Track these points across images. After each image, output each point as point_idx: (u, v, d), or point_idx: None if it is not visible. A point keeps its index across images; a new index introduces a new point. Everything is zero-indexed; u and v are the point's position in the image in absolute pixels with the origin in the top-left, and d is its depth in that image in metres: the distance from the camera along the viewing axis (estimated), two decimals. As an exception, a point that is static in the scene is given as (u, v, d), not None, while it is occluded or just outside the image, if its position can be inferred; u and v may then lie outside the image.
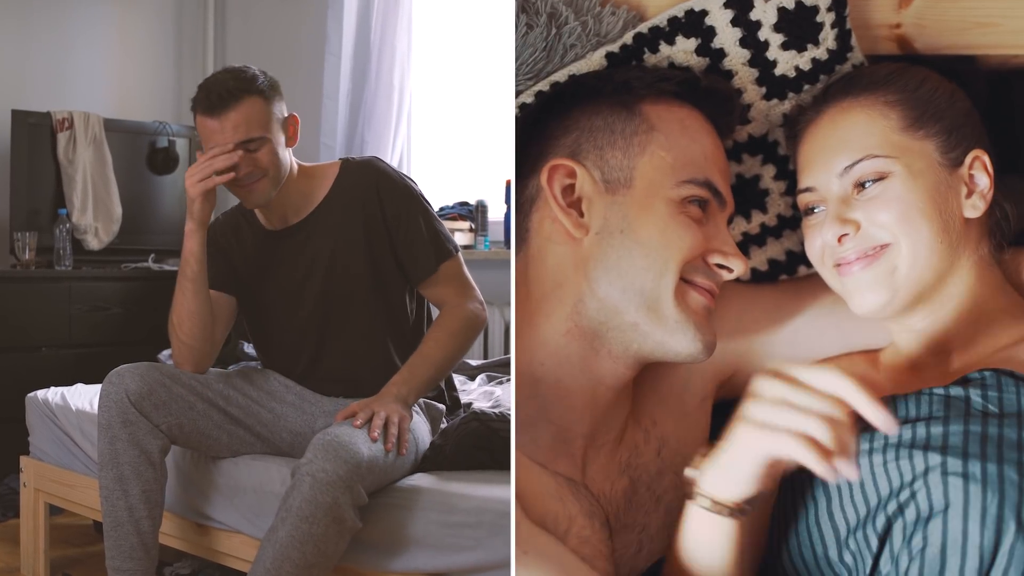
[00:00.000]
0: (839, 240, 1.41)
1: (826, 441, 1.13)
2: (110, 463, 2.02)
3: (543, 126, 1.48)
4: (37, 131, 3.90)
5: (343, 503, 1.79)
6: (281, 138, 2.11)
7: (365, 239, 2.13)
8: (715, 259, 1.41)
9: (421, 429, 2.11)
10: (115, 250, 4.07)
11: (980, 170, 1.41)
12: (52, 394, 2.75)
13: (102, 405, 2.04)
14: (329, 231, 2.14)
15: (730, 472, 1.22)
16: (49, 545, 2.76)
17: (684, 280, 1.39)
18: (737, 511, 1.24)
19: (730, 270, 1.42)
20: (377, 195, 2.14)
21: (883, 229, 1.38)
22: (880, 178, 1.39)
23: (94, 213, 4.00)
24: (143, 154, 4.20)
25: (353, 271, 2.14)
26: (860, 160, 1.40)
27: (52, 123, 3.93)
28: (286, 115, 2.14)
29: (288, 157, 2.14)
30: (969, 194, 1.41)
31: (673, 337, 1.39)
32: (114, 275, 3.95)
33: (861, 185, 1.40)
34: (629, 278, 1.38)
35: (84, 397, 2.68)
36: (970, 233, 1.42)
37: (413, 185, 2.20)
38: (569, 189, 1.42)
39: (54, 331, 3.74)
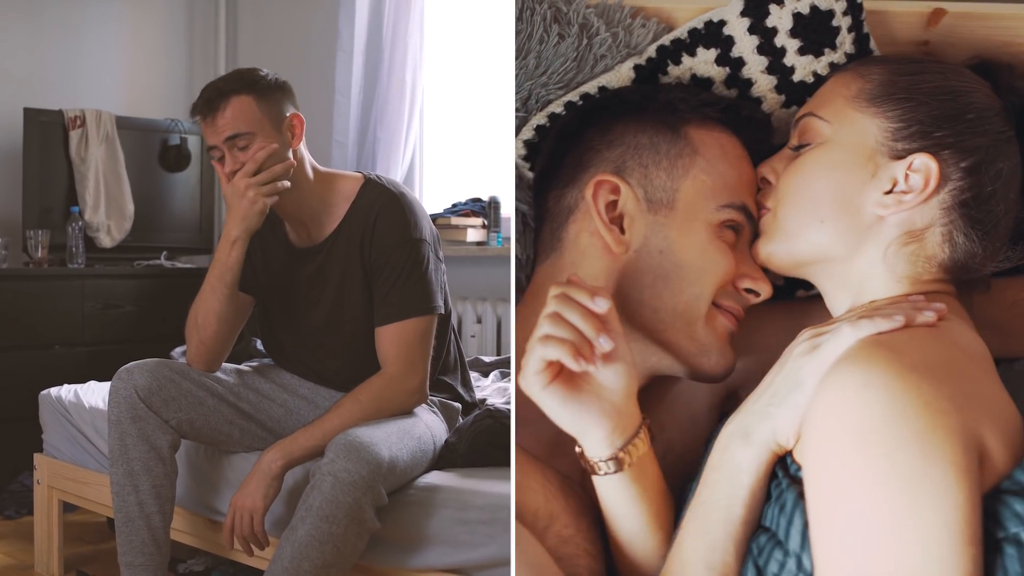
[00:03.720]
0: (761, 183, 1.45)
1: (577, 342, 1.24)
2: (120, 459, 2.04)
3: (582, 136, 1.48)
4: (49, 129, 3.91)
5: (364, 504, 1.80)
6: (277, 138, 2.04)
7: (362, 271, 2.10)
8: (744, 283, 1.43)
9: (438, 428, 2.10)
10: (128, 248, 4.08)
11: (920, 174, 1.30)
12: (65, 392, 2.76)
13: (111, 401, 2.05)
14: (340, 257, 2.11)
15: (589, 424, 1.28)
16: (63, 542, 2.77)
17: (713, 303, 1.41)
18: (617, 461, 1.29)
19: (757, 294, 1.44)
20: (372, 231, 2.07)
21: (776, 192, 1.40)
22: (810, 143, 1.38)
23: (106, 211, 4.00)
24: (155, 152, 4.20)
25: (356, 298, 2.12)
26: (805, 115, 1.40)
27: (64, 121, 3.93)
28: (288, 114, 2.08)
29: (291, 158, 2.07)
30: (891, 191, 1.31)
31: (697, 359, 1.41)
32: (127, 273, 3.96)
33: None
34: (663, 298, 1.39)
35: (97, 394, 2.69)
36: (879, 235, 1.32)
37: (413, 230, 2.09)
38: (611, 205, 1.42)
39: (67, 329, 3.75)
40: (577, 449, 1.31)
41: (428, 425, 2.07)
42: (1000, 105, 1.36)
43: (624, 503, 1.32)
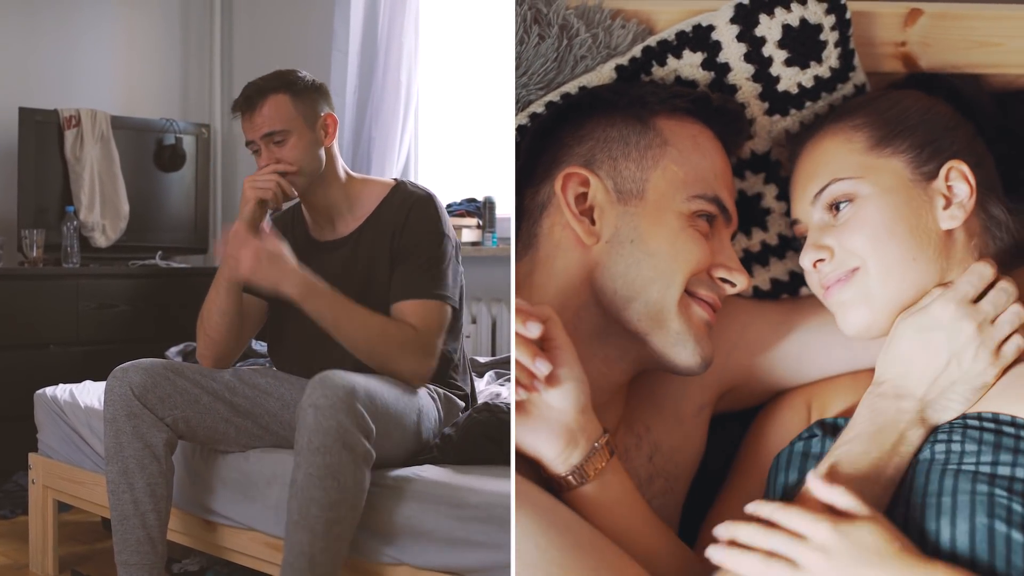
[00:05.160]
0: (814, 265, 1.44)
1: None
2: (115, 457, 2.05)
3: (556, 135, 1.50)
4: (44, 129, 3.90)
5: (347, 425, 1.82)
6: (311, 135, 2.15)
7: (390, 260, 2.15)
8: (719, 273, 1.44)
9: (429, 414, 2.12)
10: (122, 247, 4.08)
11: (958, 180, 1.41)
12: (60, 391, 2.76)
13: (107, 400, 2.07)
14: (367, 248, 2.16)
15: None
16: (58, 542, 2.77)
17: (688, 293, 1.42)
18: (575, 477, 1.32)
19: (733, 284, 1.45)
20: (405, 220, 2.15)
21: (852, 254, 1.41)
22: (850, 200, 1.42)
23: (101, 210, 4.00)
24: (150, 151, 4.20)
25: (382, 287, 2.14)
26: (827, 185, 1.44)
27: (59, 120, 3.93)
28: (323, 114, 2.18)
29: (322, 156, 2.17)
30: (947, 205, 1.41)
31: (673, 349, 1.42)
32: (122, 272, 3.96)
33: (836, 208, 1.43)
34: (636, 287, 1.41)
35: (92, 394, 2.69)
36: (953, 246, 1.42)
37: (444, 227, 2.17)
38: (582, 197, 1.44)
39: (62, 328, 3.75)
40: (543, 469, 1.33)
41: (418, 393, 2.11)
42: None
43: (590, 519, 1.33)
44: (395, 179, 2.27)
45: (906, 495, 1.31)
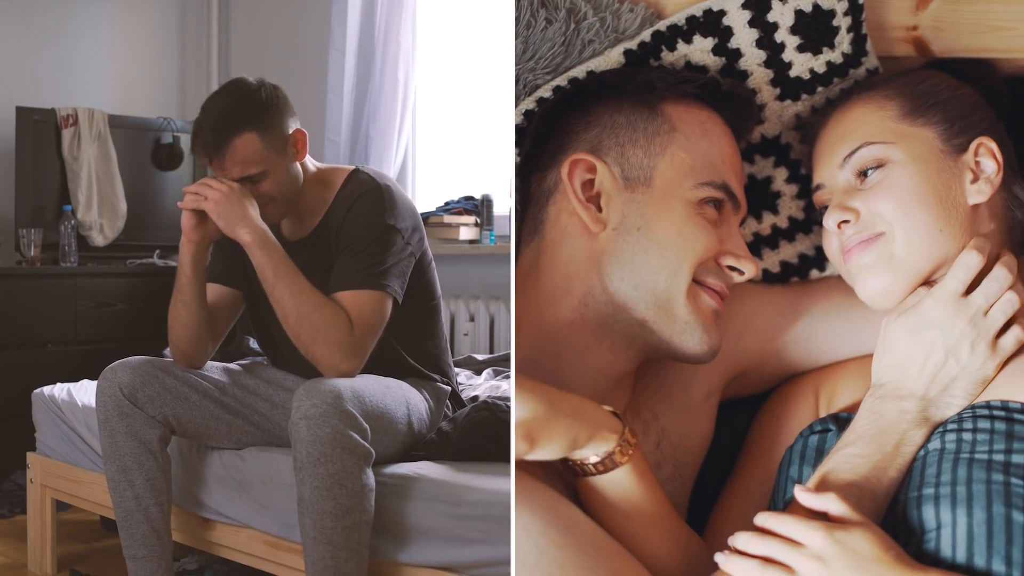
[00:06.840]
0: (839, 227, 1.43)
1: None
2: (112, 456, 2.07)
3: (563, 120, 1.50)
4: (42, 128, 3.90)
5: (343, 429, 1.82)
6: (284, 162, 2.07)
7: (335, 257, 2.11)
8: (727, 261, 1.43)
9: (418, 405, 2.12)
10: (120, 246, 4.07)
11: (986, 156, 1.42)
12: (58, 390, 2.76)
13: (98, 401, 2.08)
14: (323, 248, 2.14)
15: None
16: (56, 541, 2.77)
17: (695, 281, 1.42)
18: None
19: (741, 272, 1.44)
20: (347, 214, 2.08)
21: (880, 218, 1.40)
22: (880, 166, 1.41)
23: (99, 209, 4.00)
24: (148, 150, 4.20)
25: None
26: (859, 148, 1.43)
27: (57, 120, 3.92)
28: (290, 132, 2.09)
29: (298, 173, 2.12)
30: (975, 180, 1.42)
31: (680, 337, 1.42)
32: (119, 271, 3.95)
33: (863, 175, 1.43)
34: (643, 275, 1.40)
35: (90, 393, 2.67)
36: (978, 222, 1.42)
37: (389, 216, 2.08)
38: (588, 184, 1.44)
39: (60, 327, 3.74)
40: None
41: (403, 386, 2.09)
42: None
43: (600, 506, 1.33)
44: (355, 167, 2.19)
45: (916, 485, 1.31)
